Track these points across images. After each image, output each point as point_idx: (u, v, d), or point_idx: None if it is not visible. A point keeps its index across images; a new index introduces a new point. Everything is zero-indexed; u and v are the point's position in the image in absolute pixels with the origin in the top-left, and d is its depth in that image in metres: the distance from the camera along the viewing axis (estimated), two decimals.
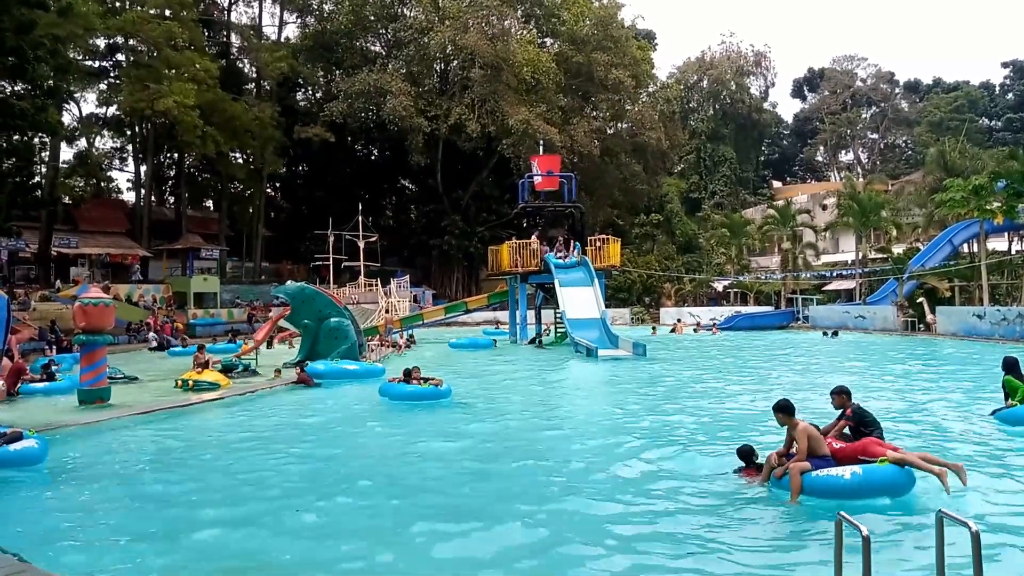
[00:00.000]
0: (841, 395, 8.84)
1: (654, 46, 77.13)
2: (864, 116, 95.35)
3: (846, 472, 7.41)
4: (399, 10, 60.73)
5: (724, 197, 77.58)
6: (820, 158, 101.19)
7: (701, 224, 70.77)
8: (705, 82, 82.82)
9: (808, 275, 53.83)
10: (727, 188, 78.72)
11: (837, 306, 47.52)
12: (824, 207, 63.59)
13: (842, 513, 4.47)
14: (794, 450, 8.01)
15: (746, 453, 8.44)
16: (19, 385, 17.00)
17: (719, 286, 59.38)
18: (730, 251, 59.24)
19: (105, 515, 7.50)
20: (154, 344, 31.93)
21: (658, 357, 25.26)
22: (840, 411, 8.80)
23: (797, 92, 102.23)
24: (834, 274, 54.00)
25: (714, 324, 43.69)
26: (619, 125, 66.95)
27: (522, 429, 12.20)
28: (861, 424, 8.56)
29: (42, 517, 7.50)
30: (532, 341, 33.07)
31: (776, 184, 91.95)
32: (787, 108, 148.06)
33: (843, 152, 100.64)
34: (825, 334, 36.80)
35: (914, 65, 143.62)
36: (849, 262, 53.99)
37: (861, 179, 67.47)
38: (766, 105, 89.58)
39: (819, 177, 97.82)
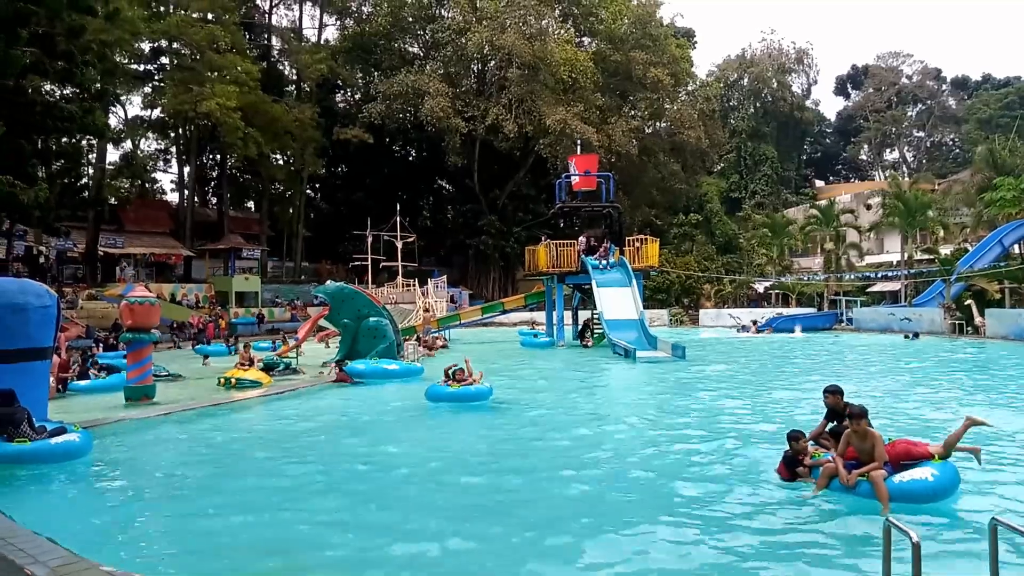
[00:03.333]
0: (836, 395, 8.73)
1: (693, 44, 76.47)
2: (910, 114, 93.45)
3: (927, 474, 7.33)
4: (437, 11, 61.09)
5: (765, 197, 76.53)
6: (864, 157, 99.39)
7: (741, 224, 69.89)
8: (745, 80, 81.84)
9: (852, 276, 52.83)
10: (768, 187, 77.63)
11: (882, 308, 46.51)
12: (868, 207, 62.33)
13: (890, 518, 4.34)
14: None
15: (794, 438, 8.25)
16: (68, 382, 17.41)
17: (760, 287, 58.58)
18: (771, 252, 58.38)
19: (149, 509, 7.63)
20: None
21: (706, 359, 25.00)
22: (829, 410, 8.75)
23: (840, 90, 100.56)
24: (879, 275, 52.89)
25: (754, 324, 43.05)
26: (658, 124, 66.50)
27: (557, 429, 12.12)
28: None
29: (88, 510, 7.64)
30: (582, 339, 32.81)
31: (819, 183, 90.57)
32: (830, 106, 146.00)
33: (888, 151, 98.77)
34: (907, 336, 35.59)
35: (962, 61, 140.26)
36: (894, 263, 52.86)
37: (907, 178, 66.09)
38: (808, 103, 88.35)
39: (863, 176, 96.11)
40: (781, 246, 58.04)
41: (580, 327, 34.41)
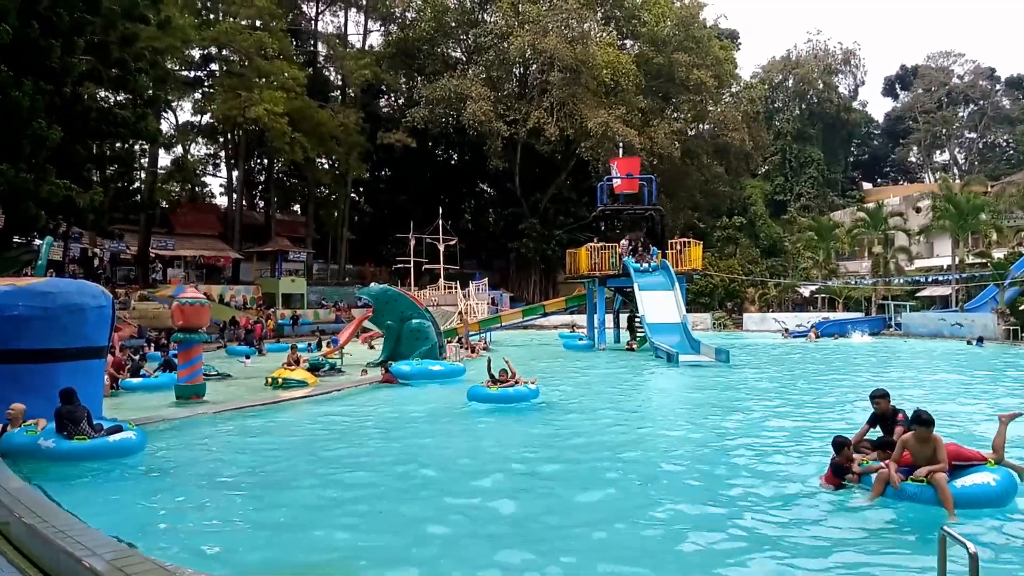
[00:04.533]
0: (885, 399, 8.60)
1: (737, 46, 75.57)
2: (961, 114, 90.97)
3: (990, 479, 7.26)
4: (479, 16, 61.37)
5: (811, 199, 75.28)
6: (913, 159, 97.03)
7: (786, 227, 68.82)
8: (791, 81, 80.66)
9: (900, 280, 51.69)
10: (814, 190, 76.36)
11: (932, 313, 45.43)
12: (918, 210, 60.91)
13: (946, 528, 4.24)
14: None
15: (840, 445, 8.13)
16: (120, 380, 17.91)
17: (805, 291, 57.61)
18: (817, 255, 57.40)
19: (201, 505, 7.79)
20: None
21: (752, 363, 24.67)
22: (874, 415, 8.71)
23: (889, 90, 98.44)
24: (929, 279, 51.67)
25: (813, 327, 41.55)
26: (701, 126, 65.89)
27: (597, 432, 12.08)
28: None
29: (142, 505, 7.84)
30: (631, 336, 32.72)
31: (866, 186, 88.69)
32: (878, 107, 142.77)
33: (938, 152, 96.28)
34: (970, 343, 34.56)
35: (1018, 60, 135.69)
36: (945, 267, 51.63)
37: (958, 180, 64.36)
38: (855, 104, 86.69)
39: (912, 178, 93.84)
40: (827, 249, 57.02)
41: (628, 325, 34.42)
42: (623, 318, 37.00)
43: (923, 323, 42.41)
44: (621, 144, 45.62)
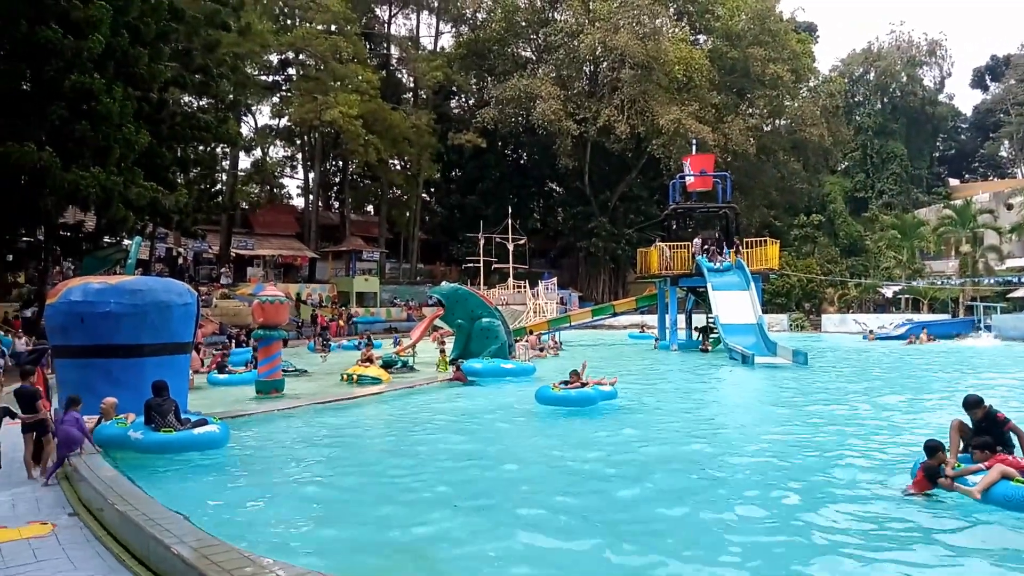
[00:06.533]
0: (981, 406, 8.13)
1: (815, 39, 73.51)
2: None
3: None
4: (549, 15, 61.25)
5: (894, 196, 72.54)
6: (1004, 153, 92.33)
7: (867, 225, 66.50)
8: (872, 74, 77.94)
9: (990, 281, 49.29)
10: (897, 187, 73.55)
11: None
12: (1009, 207, 57.92)
13: None
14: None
15: (934, 449, 7.72)
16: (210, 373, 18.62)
17: (888, 292, 55.50)
18: (900, 254, 55.26)
19: (278, 496, 8.02)
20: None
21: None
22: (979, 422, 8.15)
23: (978, 82, 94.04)
24: (1021, 280, 49.09)
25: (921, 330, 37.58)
26: (777, 122, 64.21)
27: (674, 433, 11.89)
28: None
29: (225, 497, 8.09)
30: (704, 337, 32.13)
31: (953, 182, 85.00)
32: (966, 100, 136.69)
33: None
34: None
35: None
36: None
37: None
38: (941, 97, 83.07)
39: (1003, 174, 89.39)
40: (911, 248, 54.84)
41: (700, 329, 33.68)
42: (695, 318, 36.38)
43: (1015, 325, 40.28)
44: (694, 141, 44.84)
